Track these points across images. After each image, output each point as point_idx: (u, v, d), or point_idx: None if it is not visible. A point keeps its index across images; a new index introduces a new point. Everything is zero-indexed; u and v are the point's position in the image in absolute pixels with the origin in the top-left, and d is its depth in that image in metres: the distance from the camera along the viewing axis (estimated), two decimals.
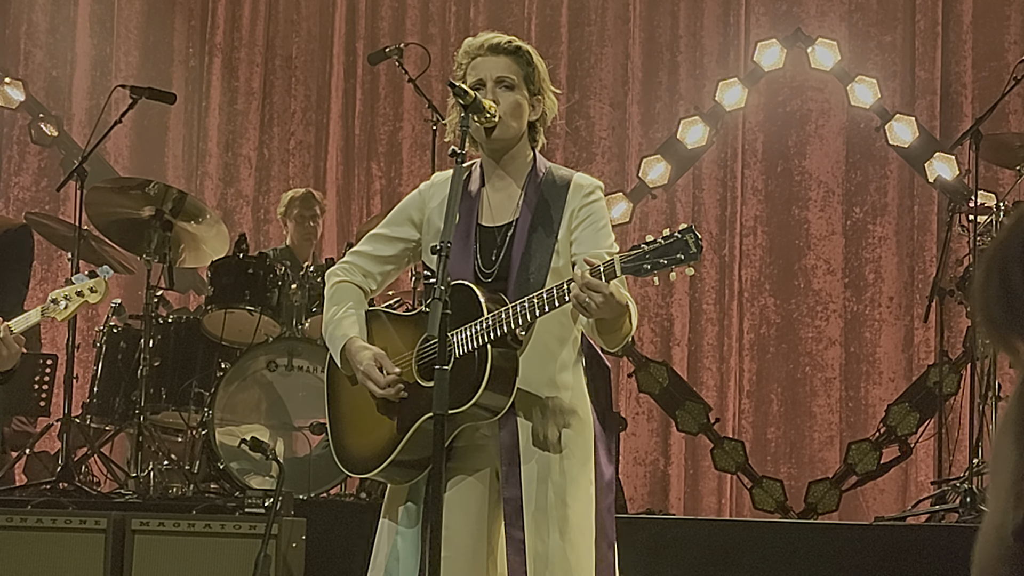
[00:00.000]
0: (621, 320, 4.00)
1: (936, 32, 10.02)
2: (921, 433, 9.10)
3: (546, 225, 4.22)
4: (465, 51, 4.34)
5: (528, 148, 4.36)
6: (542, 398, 4.17)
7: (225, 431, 7.95)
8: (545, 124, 4.39)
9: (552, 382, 4.19)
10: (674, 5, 10.54)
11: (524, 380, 4.10)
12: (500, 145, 4.29)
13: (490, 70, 4.27)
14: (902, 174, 10.01)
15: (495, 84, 4.26)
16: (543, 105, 4.35)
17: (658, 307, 10.26)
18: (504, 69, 4.28)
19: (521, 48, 4.33)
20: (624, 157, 10.44)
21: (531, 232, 4.22)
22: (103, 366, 8.42)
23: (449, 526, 4.05)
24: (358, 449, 4.33)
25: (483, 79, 4.26)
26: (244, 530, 6.54)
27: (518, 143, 4.33)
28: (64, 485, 7.59)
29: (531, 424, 4.16)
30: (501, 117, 4.23)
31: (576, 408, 4.22)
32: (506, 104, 4.25)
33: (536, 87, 4.33)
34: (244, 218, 10.94)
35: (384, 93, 10.98)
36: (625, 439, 9.87)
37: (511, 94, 4.27)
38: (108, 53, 11.19)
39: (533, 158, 4.35)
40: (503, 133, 4.26)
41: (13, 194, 10.99)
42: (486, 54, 4.30)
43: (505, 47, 4.30)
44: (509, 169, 4.34)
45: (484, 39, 4.33)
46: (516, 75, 4.29)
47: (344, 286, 4.42)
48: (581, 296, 3.84)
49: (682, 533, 7.27)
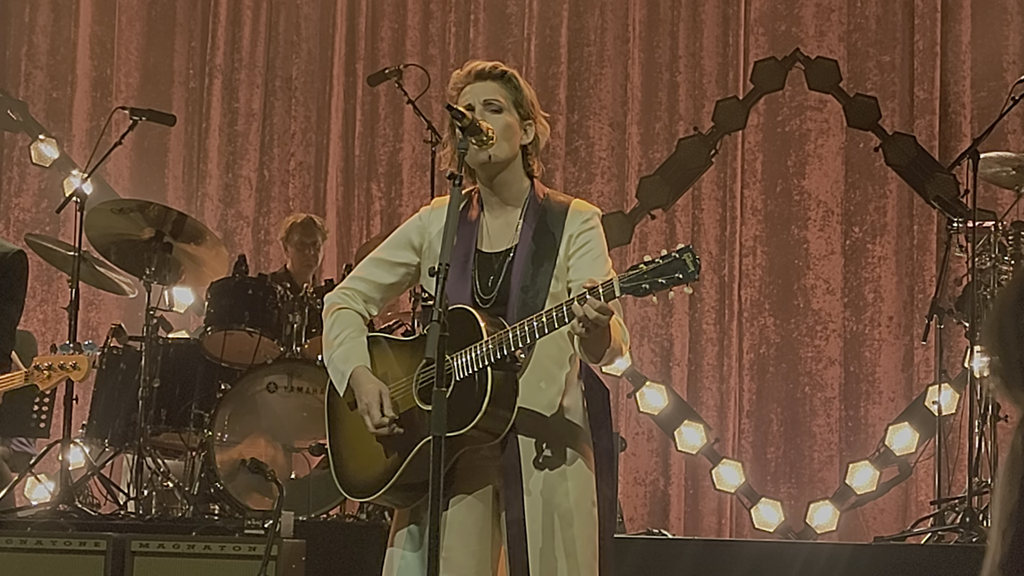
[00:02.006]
0: (607, 334, 4.03)
1: (935, 52, 10.03)
2: (921, 453, 9.11)
3: (544, 251, 4.25)
4: (454, 83, 4.40)
5: (523, 173, 4.38)
6: (543, 420, 4.18)
7: (225, 452, 7.96)
8: (538, 149, 4.41)
9: (552, 404, 4.21)
10: (673, 26, 10.55)
11: (524, 402, 4.12)
12: (493, 170, 4.32)
13: (478, 95, 4.32)
14: (901, 194, 10.02)
15: (483, 107, 4.30)
16: (535, 129, 4.38)
17: (658, 327, 10.26)
18: (491, 93, 4.32)
19: (507, 73, 4.37)
20: (623, 177, 10.45)
21: (530, 258, 4.24)
22: (103, 387, 8.43)
23: (450, 548, 4.06)
24: (359, 473, 4.34)
25: (472, 104, 4.30)
26: (244, 551, 6.54)
27: (510, 166, 4.35)
28: (64, 507, 7.59)
29: (532, 446, 4.18)
30: (493, 139, 4.25)
31: (576, 430, 4.24)
32: (496, 126, 4.28)
33: (526, 111, 4.36)
34: (244, 239, 10.95)
35: (384, 114, 10.99)
36: (625, 459, 9.87)
37: (499, 116, 4.31)
38: (108, 74, 11.21)
39: (531, 184, 4.38)
40: (495, 154, 4.28)
41: (13, 215, 11.00)
42: (473, 80, 4.35)
43: (490, 72, 4.35)
44: (505, 195, 4.36)
45: (470, 67, 4.39)
46: (504, 98, 4.33)
47: (345, 313, 4.44)
48: (590, 315, 3.86)
49: (682, 553, 7.27)
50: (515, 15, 10.81)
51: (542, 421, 4.18)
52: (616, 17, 10.65)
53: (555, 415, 4.21)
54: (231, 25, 11.21)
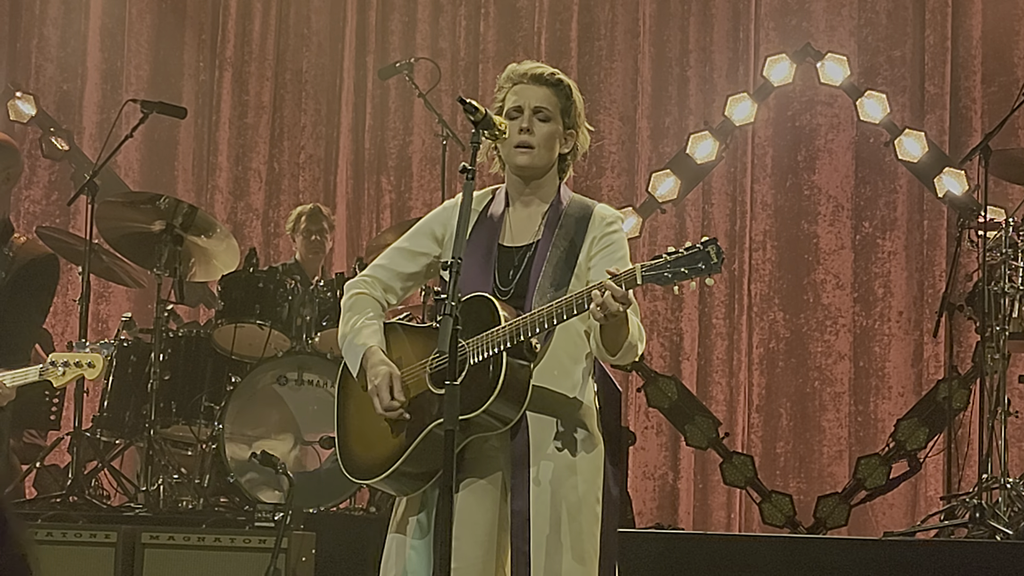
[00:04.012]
0: (625, 328, 4.06)
1: (946, 47, 10.02)
2: (930, 448, 9.10)
3: (566, 249, 4.28)
4: (508, 76, 4.41)
5: (556, 179, 4.43)
6: (554, 413, 4.20)
7: (235, 445, 7.97)
8: (575, 159, 4.45)
9: (565, 399, 4.22)
10: (684, 20, 10.55)
11: (537, 395, 4.13)
12: (529, 173, 4.37)
13: (530, 99, 4.34)
14: (911, 189, 10.01)
15: (532, 113, 4.33)
16: (576, 140, 4.42)
17: (667, 321, 10.26)
18: (543, 100, 4.35)
19: (563, 81, 4.39)
20: (633, 171, 10.45)
21: (551, 254, 4.27)
22: (113, 380, 8.44)
23: (458, 537, 4.06)
24: (365, 455, 4.34)
25: (521, 106, 4.33)
26: (254, 544, 6.56)
27: (547, 173, 4.39)
28: (74, 499, 7.60)
29: (542, 439, 4.18)
30: (533, 147, 4.30)
31: (587, 426, 4.25)
32: (540, 135, 4.32)
33: (572, 121, 4.39)
34: (254, 232, 10.96)
35: (394, 107, 10.98)
36: (634, 453, 9.87)
37: (546, 125, 4.34)
38: (119, 67, 11.22)
39: (558, 188, 4.41)
40: (534, 162, 4.33)
41: (24, 208, 11.00)
42: (528, 83, 4.37)
43: (548, 78, 4.38)
44: (535, 195, 4.40)
45: (529, 67, 4.40)
46: (554, 107, 4.35)
47: (363, 298, 4.45)
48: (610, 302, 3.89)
49: (691, 548, 7.27)
50: (525, 9, 10.81)
51: (554, 414, 4.19)
52: (626, 11, 10.64)
53: (568, 410, 4.22)
54: (241, 18, 11.21)
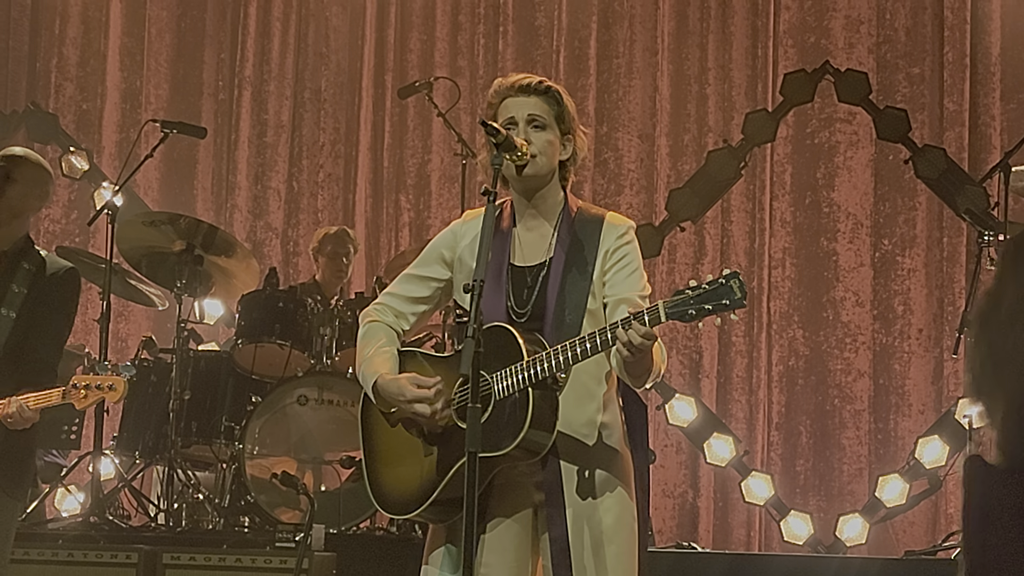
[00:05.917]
0: (649, 357, 4.03)
1: (964, 64, 10.01)
2: (951, 466, 9.08)
3: (580, 266, 4.24)
4: (495, 91, 4.37)
5: (559, 187, 4.38)
6: (582, 437, 4.18)
7: (255, 465, 7.97)
8: (575, 163, 4.41)
9: (592, 421, 4.20)
10: (702, 37, 10.55)
11: (564, 420, 4.11)
12: (532, 184, 4.32)
13: (521, 109, 4.30)
14: (931, 206, 10.00)
15: (527, 123, 4.29)
16: (573, 144, 4.38)
17: (687, 339, 10.25)
18: (535, 108, 4.31)
19: (551, 88, 4.36)
20: (652, 189, 10.45)
21: (565, 272, 4.23)
22: (134, 399, 8.44)
23: (488, 564, 4.06)
24: (396, 490, 4.32)
25: (515, 118, 4.29)
26: (275, 564, 6.57)
27: (549, 182, 4.35)
28: (94, 519, 7.61)
29: (572, 463, 4.17)
30: (534, 156, 4.25)
31: (616, 446, 4.24)
32: (538, 143, 4.28)
33: (567, 126, 4.35)
34: (273, 250, 10.97)
35: (413, 126, 10.99)
36: (654, 471, 9.85)
37: (543, 133, 4.30)
38: (138, 86, 11.24)
39: (564, 197, 4.37)
40: (535, 171, 4.28)
41: (43, 227, 11.02)
42: (516, 94, 4.33)
43: (535, 87, 4.34)
44: (540, 208, 4.35)
45: (514, 79, 4.36)
46: (547, 114, 4.32)
47: (375, 326, 4.45)
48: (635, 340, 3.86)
49: (711, 566, 7.27)
50: (544, 27, 10.82)
51: (582, 438, 4.17)
52: (645, 29, 10.65)
53: (595, 432, 4.20)
54: (260, 37, 11.23)
